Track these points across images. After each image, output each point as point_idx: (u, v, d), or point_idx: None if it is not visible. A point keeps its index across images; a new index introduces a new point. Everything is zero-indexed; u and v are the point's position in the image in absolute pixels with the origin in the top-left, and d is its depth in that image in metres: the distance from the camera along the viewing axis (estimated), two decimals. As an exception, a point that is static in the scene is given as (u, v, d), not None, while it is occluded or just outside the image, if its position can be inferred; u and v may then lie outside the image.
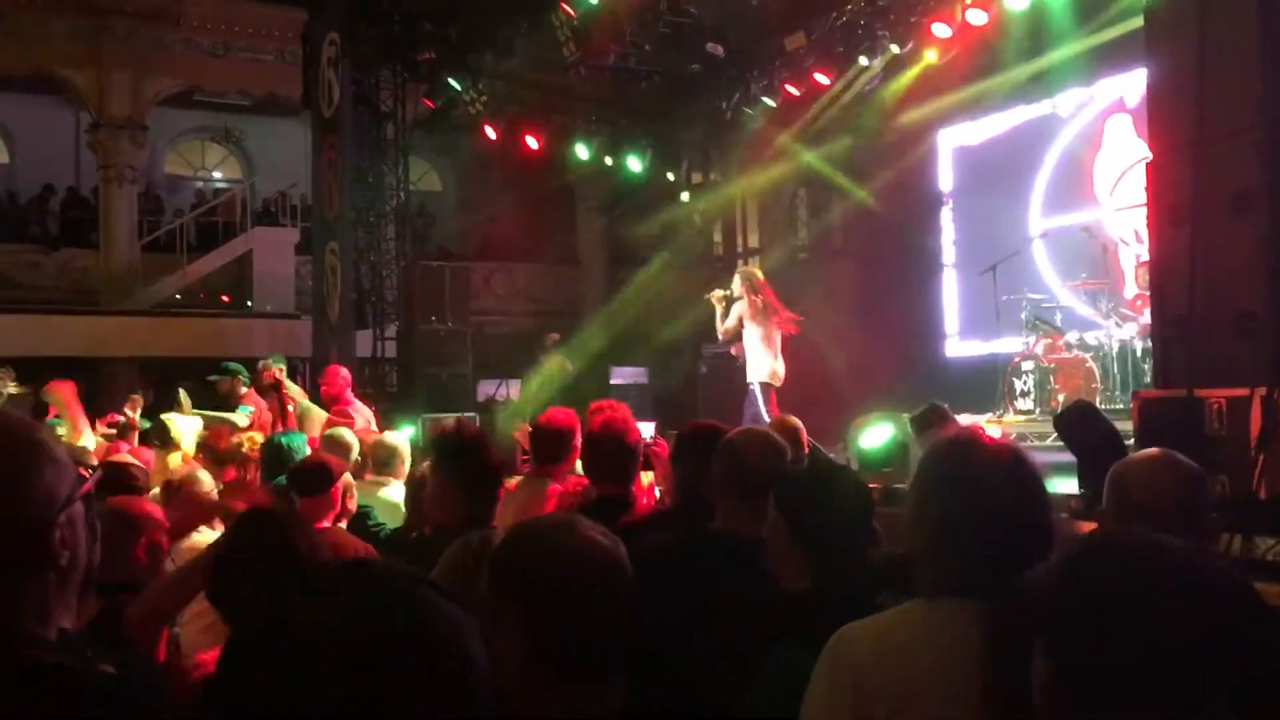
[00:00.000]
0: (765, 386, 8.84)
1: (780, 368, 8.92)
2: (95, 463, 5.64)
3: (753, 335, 8.93)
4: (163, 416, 7.03)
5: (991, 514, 1.85)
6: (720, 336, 9.36)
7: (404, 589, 1.07)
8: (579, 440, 4.16)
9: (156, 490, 4.74)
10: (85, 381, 13.78)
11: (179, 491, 4.49)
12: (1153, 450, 2.55)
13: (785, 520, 2.47)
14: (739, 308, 9.05)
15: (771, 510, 2.52)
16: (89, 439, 6.74)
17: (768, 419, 7.67)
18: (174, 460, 6.22)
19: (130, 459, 5.51)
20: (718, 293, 9.30)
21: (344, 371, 8.79)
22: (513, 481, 4.61)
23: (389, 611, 1.03)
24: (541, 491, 4.18)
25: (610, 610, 1.73)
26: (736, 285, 9.11)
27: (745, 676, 2.25)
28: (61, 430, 6.46)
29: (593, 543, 1.77)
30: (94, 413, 8.45)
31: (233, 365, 8.66)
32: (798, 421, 5.15)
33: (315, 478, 4.09)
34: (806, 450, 5.15)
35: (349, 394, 8.47)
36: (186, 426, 6.78)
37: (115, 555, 3.19)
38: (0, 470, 1.35)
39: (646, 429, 6.54)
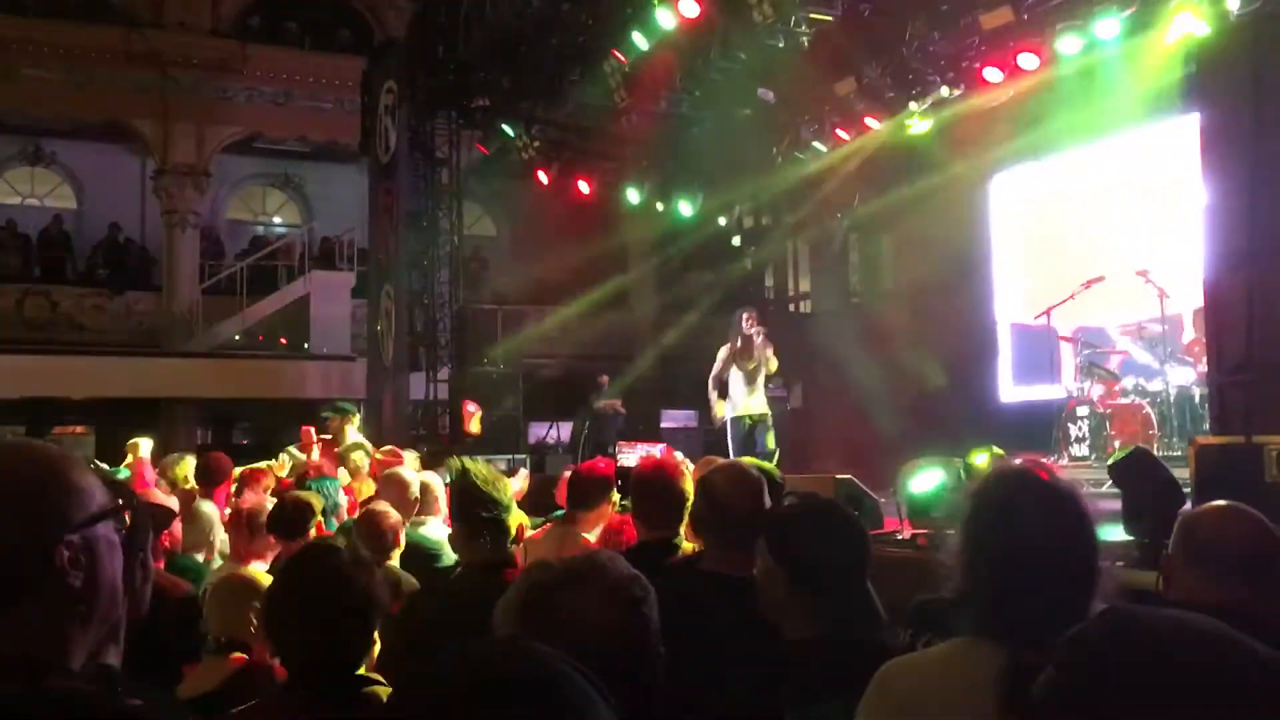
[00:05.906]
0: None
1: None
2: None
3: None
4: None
5: (1036, 555, 1.81)
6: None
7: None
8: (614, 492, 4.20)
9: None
10: (146, 422, 14.09)
11: None
12: (1223, 502, 2.54)
13: (780, 564, 2.33)
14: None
15: (763, 554, 2.38)
16: None
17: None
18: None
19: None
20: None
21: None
22: (537, 531, 4.64)
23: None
24: (571, 538, 4.19)
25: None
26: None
27: None
28: None
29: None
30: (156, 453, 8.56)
31: (344, 404, 8.77)
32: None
33: (292, 521, 4.32)
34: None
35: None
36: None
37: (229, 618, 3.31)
38: (9, 491, 1.37)
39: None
